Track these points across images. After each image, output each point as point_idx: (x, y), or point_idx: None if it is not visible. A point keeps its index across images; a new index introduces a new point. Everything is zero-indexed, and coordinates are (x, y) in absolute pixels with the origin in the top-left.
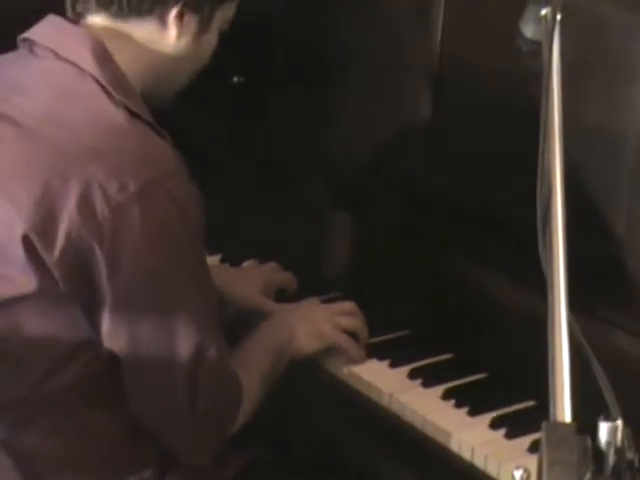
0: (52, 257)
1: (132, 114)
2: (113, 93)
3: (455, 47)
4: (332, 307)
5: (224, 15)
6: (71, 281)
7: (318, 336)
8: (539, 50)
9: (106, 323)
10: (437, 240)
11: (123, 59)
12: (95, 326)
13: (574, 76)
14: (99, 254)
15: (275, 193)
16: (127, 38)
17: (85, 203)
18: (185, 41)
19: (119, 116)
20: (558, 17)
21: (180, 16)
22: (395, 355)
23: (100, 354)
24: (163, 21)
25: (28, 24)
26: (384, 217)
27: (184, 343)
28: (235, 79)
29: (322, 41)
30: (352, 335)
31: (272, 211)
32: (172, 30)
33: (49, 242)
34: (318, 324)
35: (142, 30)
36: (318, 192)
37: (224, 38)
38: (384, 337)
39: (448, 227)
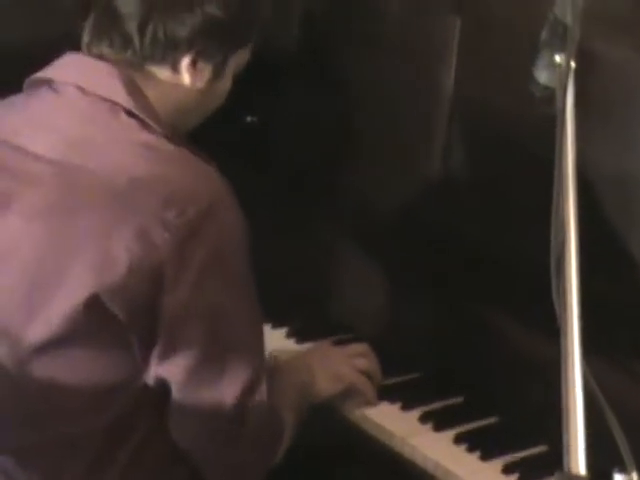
0: (114, 295)
1: (172, 141)
2: (150, 123)
3: (468, 92)
4: (347, 349)
5: (239, 60)
6: (131, 313)
7: (337, 379)
8: (553, 96)
9: (159, 350)
10: (450, 285)
11: (147, 94)
12: (146, 355)
13: (588, 121)
14: (160, 281)
15: (286, 231)
16: (145, 76)
17: (143, 234)
18: (198, 88)
19: (161, 144)
20: (572, 64)
21: (193, 64)
22: (406, 398)
23: (140, 391)
24: (176, 68)
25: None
26: (397, 261)
27: (236, 375)
28: (248, 119)
29: (335, 83)
30: (366, 377)
31: (283, 247)
32: (185, 77)
33: (111, 281)
34: (336, 366)
35: (156, 78)
36: (330, 232)
37: (238, 78)
38: (395, 379)
39: (462, 272)
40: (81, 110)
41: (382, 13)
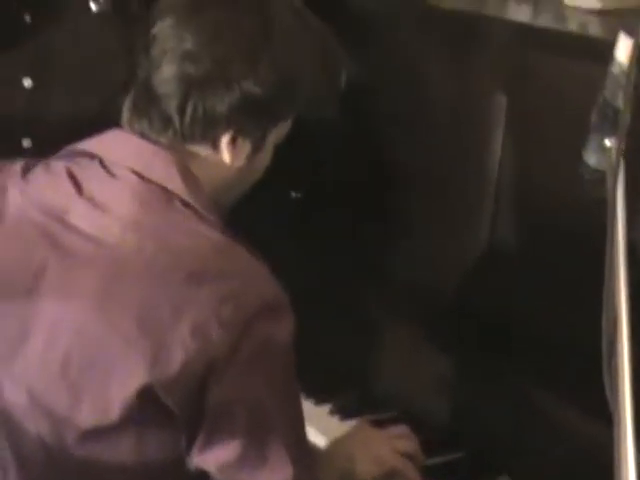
0: (167, 388)
1: (227, 235)
2: (206, 215)
3: (514, 172)
4: (387, 431)
5: (279, 133)
6: (181, 404)
7: (378, 462)
8: (603, 179)
9: (201, 441)
10: (497, 363)
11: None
12: (189, 443)
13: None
14: (210, 374)
15: (330, 307)
16: (188, 157)
17: (199, 329)
18: (238, 164)
19: (217, 238)
20: (623, 148)
21: (233, 141)
22: (450, 478)
23: (182, 470)
24: (216, 146)
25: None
26: (443, 339)
27: (278, 470)
28: (293, 194)
29: (381, 161)
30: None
31: (328, 324)
32: (225, 155)
33: (165, 375)
34: (377, 449)
35: (197, 159)
36: (375, 309)
37: (281, 153)
38: (438, 459)
39: (509, 350)
40: (140, 196)
41: (428, 92)
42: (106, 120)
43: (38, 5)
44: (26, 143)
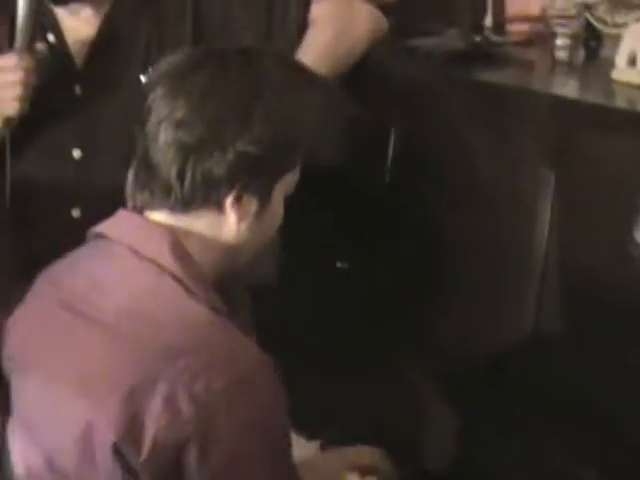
0: (140, 461)
1: (214, 309)
2: (195, 290)
3: (562, 248)
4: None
5: (286, 185)
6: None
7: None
8: None
9: None
10: (535, 440)
11: (194, 252)
12: None
13: None
14: (186, 453)
15: (369, 369)
16: (192, 232)
17: (171, 405)
18: (247, 223)
19: (202, 313)
20: None
21: (238, 200)
22: None
23: None
24: (221, 208)
25: None
26: (484, 412)
27: None
28: (338, 264)
29: (425, 231)
30: None
31: (362, 385)
32: (231, 216)
33: (137, 447)
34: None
35: (203, 220)
36: (414, 373)
37: (326, 223)
38: None
39: (549, 429)
40: (134, 274)
41: (474, 166)
42: None
43: (88, 77)
44: (75, 213)
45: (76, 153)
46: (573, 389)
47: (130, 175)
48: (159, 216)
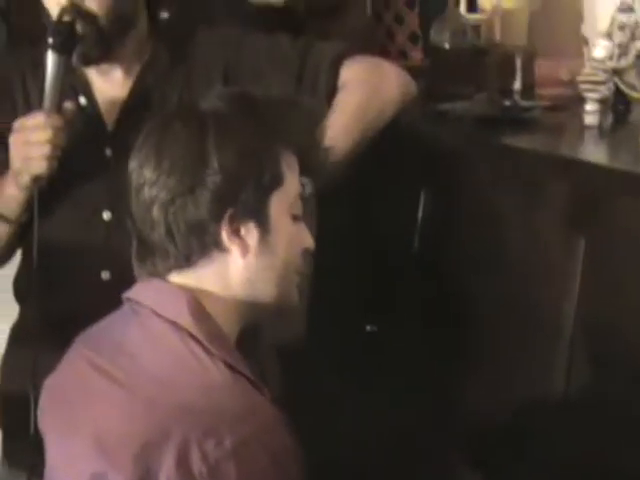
0: None
1: (230, 367)
2: (211, 349)
3: (591, 313)
4: None
5: (284, 202)
6: None
7: None
8: None
9: None
10: None
11: (213, 308)
12: None
13: None
14: None
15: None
16: (205, 286)
17: (183, 462)
18: (254, 253)
19: (217, 372)
20: None
21: (235, 233)
22: None
23: None
24: (222, 248)
25: None
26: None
27: None
28: (368, 328)
29: (454, 295)
30: None
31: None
32: (234, 251)
33: None
34: None
35: (210, 268)
36: (439, 441)
37: (355, 285)
38: None
39: None
40: (153, 335)
41: (503, 231)
42: None
43: (118, 139)
44: (105, 275)
45: (106, 215)
46: (602, 456)
47: (133, 258)
48: (172, 278)
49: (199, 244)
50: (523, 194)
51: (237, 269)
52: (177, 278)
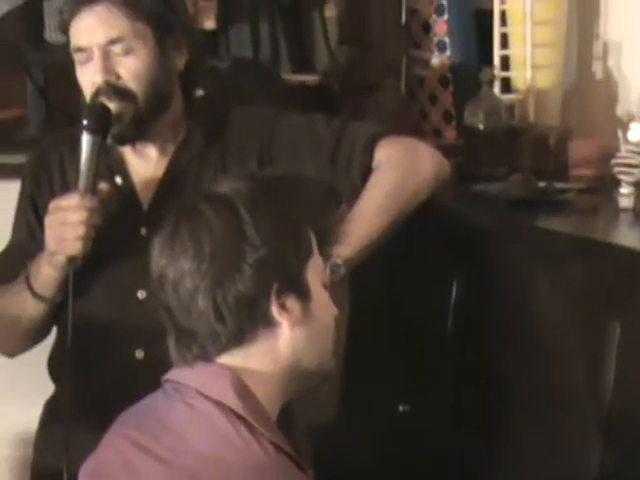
0: None
1: (275, 447)
2: (257, 429)
3: (627, 399)
4: None
5: (316, 272)
6: None
7: None
8: None
9: None
10: None
11: (257, 388)
12: None
13: None
14: None
15: None
16: (250, 364)
17: None
18: (300, 326)
19: (263, 452)
20: None
21: (282, 306)
22: None
23: None
24: (270, 323)
25: None
26: None
27: None
28: (400, 408)
29: (487, 376)
30: None
31: None
32: (283, 325)
33: None
34: None
35: (258, 344)
36: None
37: (388, 366)
38: None
39: None
40: (199, 415)
41: (537, 313)
42: None
43: (154, 218)
44: (139, 354)
45: (140, 294)
46: None
47: (171, 346)
48: (217, 359)
49: (250, 321)
50: (557, 276)
51: (285, 342)
52: (223, 359)
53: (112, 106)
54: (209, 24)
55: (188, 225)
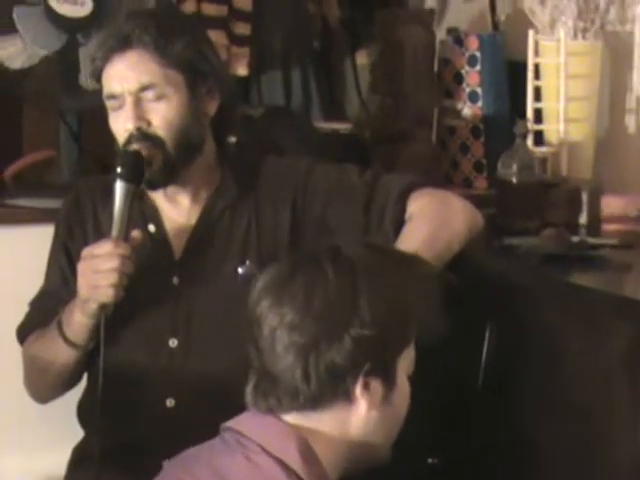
0: None
1: None
2: None
3: None
4: None
5: (405, 362)
6: None
7: None
8: None
9: None
10: None
11: (322, 452)
12: None
13: None
14: None
15: None
16: (319, 430)
17: None
18: (376, 409)
19: None
20: None
21: (366, 386)
22: None
23: None
24: (350, 398)
25: None
26: None
27: None
28: (430, 460)
29: (517, 433)
30: None
31: None
32: (361, 404)
33: None
34: None
35: (331, 414)
36: None
37: (417, 418)
38: None
39: None
40: (260, 471)
41: (568, 371)
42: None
43: (186, 267)
44: (169, 403)
45: (172, 342)
46: None
47: (249, 387)
48: (288, 417)
49: (332, 391)
50: (589, 333)
51: (358, 420)
52: (294, 417)
53: (143, 151)
54: (241, 70)
55: (305, 276)
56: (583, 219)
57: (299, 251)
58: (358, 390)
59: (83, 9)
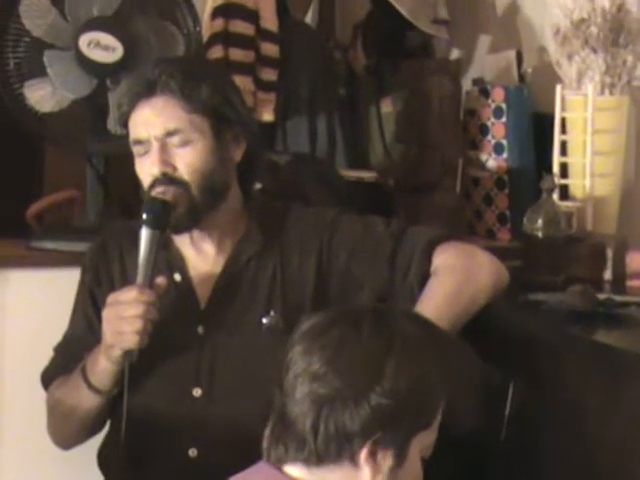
0: None
1: None
2: None
3: None
4: None
5: (422, 442)
6: None
7: None
8: None
9: None
10: None
11: None
12: None
13: None
14: None
15: None
16: (323, 476)
17: None
18: (380, 478)
19: None
20: None
21: (372, 455)
22: None
23: None
24: (354, 462)
25: None
26: None
27: None
28: None
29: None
30: None
31: None
32: (365, 471)
33: None
34: None
35: (336, 475)
36: None
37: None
38: None
39: None
40: None
41: (590, 427)
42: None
43: (211, 317)
44: (192, 453)
45: (196, 392)
46: None
47: (267, 430)
48: (293, 470)
49: (337, 451)
50: (613, 392)
51: None
52: (299, 470)
53: (168, 195)
54: (267, 116)
55: (341, 331)
56: (607, 275)
57: (347, 304)
58: (363, 456)
59: (114, 55)
